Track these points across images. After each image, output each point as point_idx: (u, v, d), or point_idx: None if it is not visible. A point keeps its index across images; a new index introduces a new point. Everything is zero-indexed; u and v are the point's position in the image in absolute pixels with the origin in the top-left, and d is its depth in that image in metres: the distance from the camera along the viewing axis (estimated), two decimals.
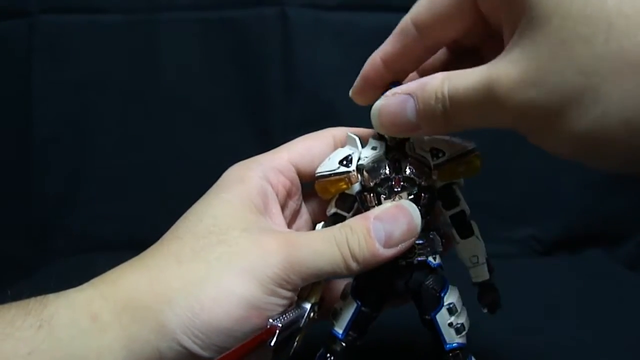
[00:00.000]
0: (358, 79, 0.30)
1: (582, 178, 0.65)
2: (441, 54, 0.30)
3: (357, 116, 0.32)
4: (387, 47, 0.29)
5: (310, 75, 0.65)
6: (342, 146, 0.31)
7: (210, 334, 0.24)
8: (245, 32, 0.65)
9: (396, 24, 0.29)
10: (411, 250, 0.28)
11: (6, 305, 0.24)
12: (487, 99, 0.22)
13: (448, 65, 0.31)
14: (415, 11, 0.27)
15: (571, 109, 0.20)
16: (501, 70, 0.21)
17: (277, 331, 0.25)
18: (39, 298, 0.24)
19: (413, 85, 0.25)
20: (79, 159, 0.69)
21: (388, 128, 0.27)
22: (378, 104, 0.27)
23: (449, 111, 0.24)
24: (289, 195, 0.32)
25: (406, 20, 0.27)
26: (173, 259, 0.26)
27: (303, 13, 0.64)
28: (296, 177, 0.31)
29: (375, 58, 0.29)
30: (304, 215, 0.34)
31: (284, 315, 0.26)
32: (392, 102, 0.26)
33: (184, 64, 0.66)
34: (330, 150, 0.31)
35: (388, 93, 0.27)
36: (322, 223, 0.31)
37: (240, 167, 0.30)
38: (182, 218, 0.28)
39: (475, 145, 0.28)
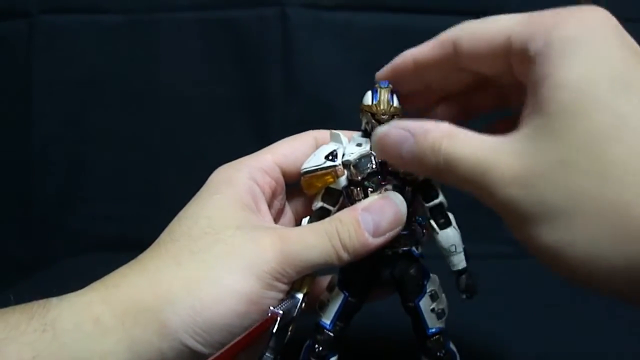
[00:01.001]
0: (387, 66, 0.31)
1: None
2: (467, 76, 0.30)
3: (357, 116, 0.32)
4: (422, 50, 0.29)
5: (310, 75, 0.65)
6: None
7: (212, 331, 0.25)
8: (245, 32, 0.65)
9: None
10: (397, 241, 0.30)
11: (9, 309, 0.24)
12: (478, 180, 0.23)
13: (469, 89, 0.31)
14: (458, 33, 0.27)
15: (545, 223, 0.21)
16: (502, 159, 0.22)
17: (278, 318, 0.26)
18: (41, 302, 0.25)
19: (416, 125, 0.25)
20: (79, 159, 0.69)
21: (383, 156, 0.28)
22: (380, 130, 0.27)
23: (440, 167, 0.24)
24: (274, 194, 0.32)
25: (448, 35, 0.28)
26: (172, 261, 0.26)
27: (303, 13, 0.64)
28: (281, 177, 0.32)
29: (408, 56, 0.30)
30: (288, 214, 0.35)
31: (281, 304, 0.27)
32: (393, 133, 0.26)
33: (184, 64, 0.66)
34: (312, 150, 0.32)
35: (393, 123, 0.27)
36: (308, 218, 0.32)
37: (228, 169, 0.31)
38: (176, 220, 0.29)
39: None
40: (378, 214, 0.28)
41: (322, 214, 0.31)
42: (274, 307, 0.26)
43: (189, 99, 0.67)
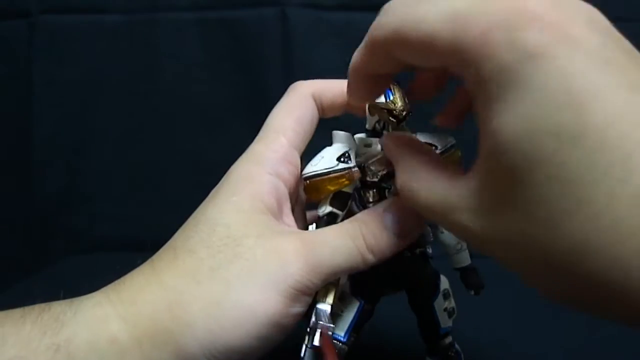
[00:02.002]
0: (351, 92, 0.27)
1: None
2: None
3: (357, 116, 0.32)
4: (359, 62, 0.26)
5: (310, 75, 0.64)
6: (319, 99, 0.31)
7: (228, 353, 0.24)
8: (245, 32, 0.65)
9: None
10: (416, 242, 0.29)
11: (19, 318, 0.23)
12: (440, 221, 0.22)
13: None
14: (383, 36, 0.23)
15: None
16: (461, 216, 0.20)
17: (331, 332, 0.26)
18: (54, 312, 0.23)
19: (397, 153, 0.25)
20: (79, 159, 0.69)
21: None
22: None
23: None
24: (297, 182, 0.30)
25: (374, 39, 0.24)
26: (191, 279, 0.25)
27: (303, 13, 0.63)
28: (299, 159, 0.30)
29: (355, 71, 0.26)
30: (300, 199, 0.33)
31: (321, 318, 0.26)
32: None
33: (184, 64, 0.66)
34: (315, 113, 0.31)
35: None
36: (314, 225, 0.30)
37: (247, 164, 0.29)
38: (192, 224, 0.27)
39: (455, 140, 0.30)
40: (402, 213, 0.27)
41: (330, 220, 0.29)
42: (321, 321, 0.26)
43: (189, 99, 0.67)
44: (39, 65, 0.66)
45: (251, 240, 0.25)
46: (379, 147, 0.29)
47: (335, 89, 0.32)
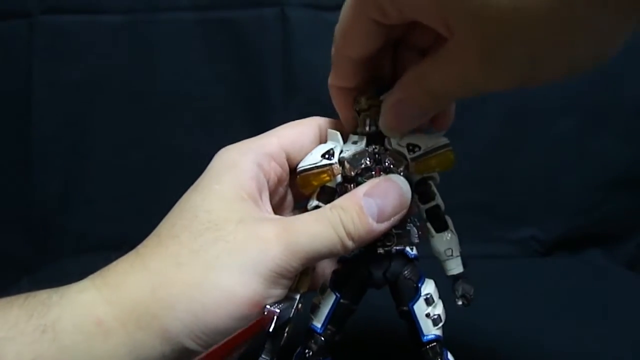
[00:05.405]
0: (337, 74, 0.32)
1: (582, 178, 0.65)
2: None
3: None
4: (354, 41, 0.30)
5: (310, 75, 0.65)
6: (326, 134, 0.33)
7: (214, 334, 0.24)
8: (245, 32, 0.65)
9: None
10: (389, 239, 0.29)
11: (6, 303, 0.24)
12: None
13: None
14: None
15: None
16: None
17: (275, 317, 0.26)
18: (40, 297, 0.24)
19: (396, 90, 0.27)
20: (79, 159, 0.69)
21: (398, 131, 0.29)
22: (381, 117, 0.29)
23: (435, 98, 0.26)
24: (279, 181, 0.31)
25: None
26: (173, 261, 0.25)
27: (303, 13, 0.64)
28: (286, 163, 0.31)
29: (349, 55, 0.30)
30: (289, 201, 0.34)
31: (278, 304, 0.26)
32: (390, 110, 0.28)
33: (183, 64, 0.66)
34: (316, 137, 0.32)
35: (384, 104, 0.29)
36: None
37: (232, 152, 0.30)
38: (176, 210, 0.28)
39: (449, 141, 0.30)
40: (381, 197, 0.27)
41: None
42: (271, 306, 0.26)
43: (189, 99, 0.67)
44: (39, 65, 0.66)
45: (232, 225, 0.26)
46: (363, 144, 0.30)
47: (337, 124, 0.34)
